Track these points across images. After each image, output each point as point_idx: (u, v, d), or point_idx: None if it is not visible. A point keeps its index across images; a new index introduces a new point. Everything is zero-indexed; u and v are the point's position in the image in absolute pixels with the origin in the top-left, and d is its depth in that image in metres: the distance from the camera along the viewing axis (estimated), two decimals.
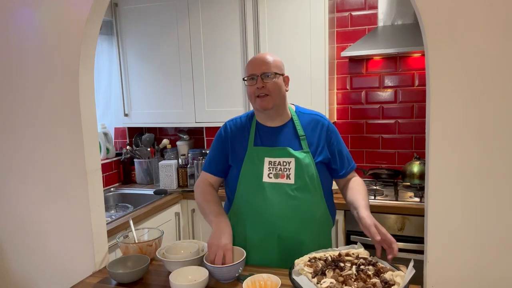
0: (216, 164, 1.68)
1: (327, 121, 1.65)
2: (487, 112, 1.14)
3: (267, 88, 1.52)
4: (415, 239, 2.21)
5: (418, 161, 2.54)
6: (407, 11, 2.52)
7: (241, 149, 1.61)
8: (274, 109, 1.56)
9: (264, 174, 1.55)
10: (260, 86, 1.52)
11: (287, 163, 1.54)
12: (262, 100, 1.54)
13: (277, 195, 1.53)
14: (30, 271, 1.74)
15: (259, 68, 1.54)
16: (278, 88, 1.55)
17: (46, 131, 1.61)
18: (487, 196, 1.17)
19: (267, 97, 1.53)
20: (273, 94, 1.53)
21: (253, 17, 2.60)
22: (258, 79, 1.53)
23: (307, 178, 1.55)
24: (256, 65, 1.55)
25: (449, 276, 1.22)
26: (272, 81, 1.53)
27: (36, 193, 1.67)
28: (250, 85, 1.56)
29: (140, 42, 2.91)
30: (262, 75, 1.53)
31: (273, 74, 1.54)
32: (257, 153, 1.58)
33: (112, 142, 3.12)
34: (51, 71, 1.56)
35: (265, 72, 1.53)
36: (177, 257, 1.46)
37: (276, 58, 1.59)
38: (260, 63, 1.55)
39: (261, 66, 1.54)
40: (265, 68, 1.53)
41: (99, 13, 1.53)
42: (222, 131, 1.69)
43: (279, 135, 1.60)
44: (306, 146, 1.58)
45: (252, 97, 1.57)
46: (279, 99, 1.56)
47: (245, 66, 1.61)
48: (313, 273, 1.26)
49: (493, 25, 1.11)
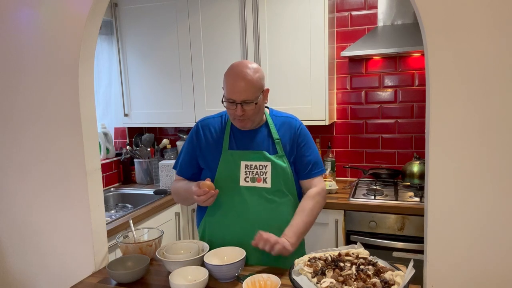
0: (187, 168, 1.68)
1: (298, 123, 1.65)
2: (487, 111, 1.14)
3: (247, 114, 1.49)
4: (415, 239, 2.21)
5: (418, 161, 2.54)
6: (407, 11, 2.52)
7: (215, 152, 1.59)
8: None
9: (240, 178, 1.55)
10: (240, 114, 1.48)
11: (264, 166, 1.55)
12: (241, 122, 1.53)
13: (255, 199, 1.54)
14: (30, 271, 1.74)
15: (240, 95, 1.46)
16: (258, 110, 1.52)
17: (46, 131, 1.61)
18: (487, 196, 1.17)
19: (245, 120, 1.52)
20: (252, 117, 1.52)
21: (253, 16, 2.60)
22: (238, 106, 1.47)
23: (283, 181, 1.56)
24: (235, 92, 1.46)
25: (449, 276, 1.22)
26: (252, 108, 1.49)
27: (36, 193, 1.67)
28: (229, 108, 1.50)
29: (140, 42, 2.91)
30: (242, 102, 1.47)
31: (253, 102, 1.48)
32: (233, 156, 1.58)
33: (112, 142, 3.12)
34: (51, 71, 1.56)
35: (246, 100, 1.46)
36: (177, 257, 1.46)
37: (256, 74, 1.48)
38: (239, 90, 1.45)
39: (242, 92, 1.45)
40: (246, 96, 1.46)
41: (99, 13, 1.53)
42: (193, 134, 1.66)
43: (254, 138, 1.59)
44: (281, 149, 1.59)
45: (230, 116, 1.55)
46: (258, 118, 1.56)
47: (225, 77, 1.51)
48: (313, 273, 1.26)
49: (493, 25, 1.11)
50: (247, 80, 1.46)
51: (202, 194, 1.44)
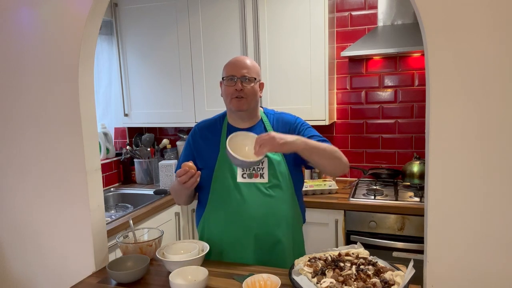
0: None
1: (294, 117, 1.69)
2: (487, 111, 1.14)
3: (245, 91, 1.56)
4: (415, 239, 2.21)
5: (418, 161, 2.54)
6: (407, 11, 2.52)
7: (213, 151, 1.63)
8: (248, 111, 1.61)
9: (238, 174, 1.58)
10: (239, 89, 1.55)
11: (260, 162, 1.56)
12: (238, 101, 1.57)
13: (252, 194, 1.56)
14: (30, 271, 1.74)
15: (240, 70, 1.57)
16: (255, 92, 1.59)
17: (46, 131, 1.61)
18: (487, 196, 1.17)
19: (243, 99, 1.57)
20: (249, 97, 1.58)
21: (253, 16, 2.60)
22: (238, 81, 1.56)
23: (280, 176, 1.58)
24: (237, 67, 1.58)
25: (449, 276, 1.22)
26: (250, 86, 1.57)
27: (36, 193, 1.67)
28: (228, 85, 1.58)
29: (140, 42, 2.91)
30: (241, 77, 1.56)
31: (252, 79, 1.57)
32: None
33: (112, 142, 3.12)
34: (51, 71, 1.56)
35: (245, 76, 1.57)
36: (177, 257, 1.46)
37: (255, 63, 1.63)
38: (241, 66, 1.58)
39: (241, 69, 1.57)
40: (246, 72, 1.57)
41: (99, 13, 1.53)
42: (190, 137, 1.72)
43: None
44: None
45: (228, 97, 1.60)
46: (253, 103, 1.61)
47: (224, 66, 1.63)
48: (313, 273, 1.26)
49: (493, 25, 1.11)
50: (247, 62, 1.60)
51: (182, 174, 1.48)
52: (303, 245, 1.72)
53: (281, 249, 1.57)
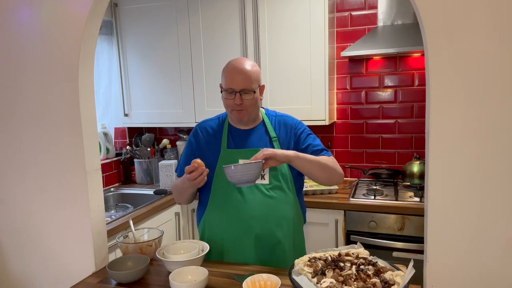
0: None
1: (295, 120, 1.68)
2: (487, 111, 1.14)
3: (245, 104, 1.53)
4: (415, 239, 2.21)
5: (418, 161, 2.54)
6: (407, 11, 2.52)
7: (214, 152, 1.62)
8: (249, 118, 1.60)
9: None
10: (239, 103, 1.52)
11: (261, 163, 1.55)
12: (239, 113, 1.56)
13: (253, 195, 1.56)
14: (30, 271, 1.74)
15: (239, 83, 1.51)
16: (255, 103, 1.56)
17: (46, 131, 1.61)
18: (487, 196, 1.17)
19: (243, 111, 1.55)
20: (249, 108, 1.55)
21: (253, 16, 2.60)
22: (237, 95, 1.52)
23: (281, 177, 1.59)
24: (235, 79, 1.51)
25: (449, 276, 1.22)
26: (250, 98, 1.53)
27: (36, 193, 1.67)
28: (228, 98, 1.54)
29: (140, 42, 2.91)
30: (241, 91, 1.51)
31: (252, 92, 1.53)
32: (231, 155, 1.60)
33: (112, 142, 3.12)
34: (51, 71, 1.56)
35: (245, 89, 1.51)
36: (177, 257, 1.46)
37: (254, 67, 1.56)
38: (240, 78, 1.51)
39: (241, 81, 1.51)
40: (245, 85, 1.51)
41: (99, 13, 1.53)
42: (192, 137, 1.70)
43: (252, 137, 1.63)
44: (278, 146, 1.61)
45: (228, 108, 1.58)
46: (254, 112, 1.59)
47: (223, 71, 1.57)
48: (313, 273, 1.26)
49: (493, 25, 1.11)
50: (246, 70, 1.52)
51: (192, 170, 1.45)
52: (304, 245, 1.72)
53: (281, 249, 1.57)
